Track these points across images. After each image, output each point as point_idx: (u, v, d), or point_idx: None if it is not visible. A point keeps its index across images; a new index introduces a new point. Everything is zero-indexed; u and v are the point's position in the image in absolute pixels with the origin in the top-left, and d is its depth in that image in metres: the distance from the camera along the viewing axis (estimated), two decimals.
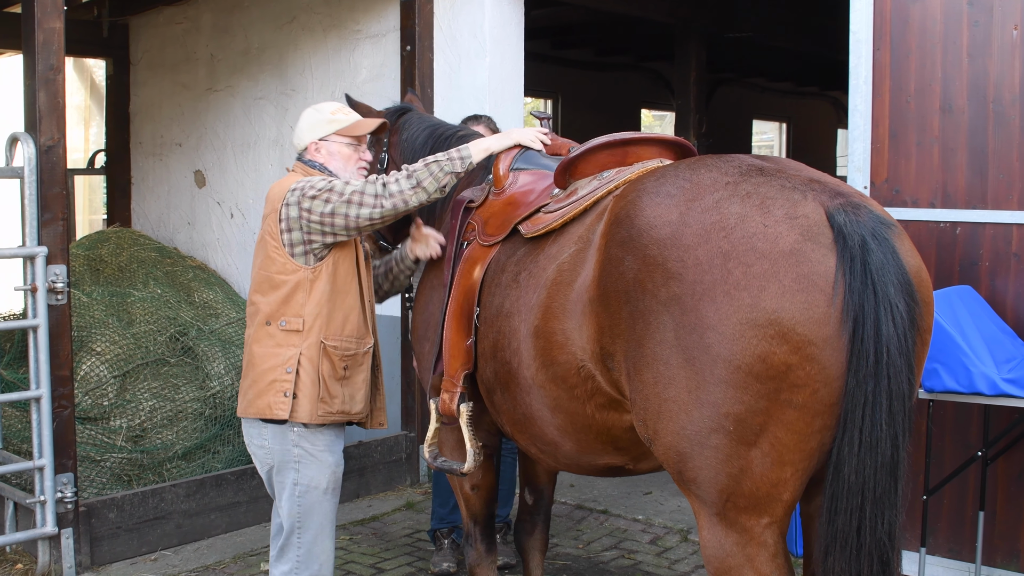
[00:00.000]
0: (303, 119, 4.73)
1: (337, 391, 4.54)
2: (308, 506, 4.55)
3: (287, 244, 4.46)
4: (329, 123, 4.66)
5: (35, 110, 5.84)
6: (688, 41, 11.43)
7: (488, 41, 7.59)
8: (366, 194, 4.39)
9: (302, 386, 4.46)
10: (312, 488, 4.54)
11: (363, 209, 4.39)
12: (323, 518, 4.59)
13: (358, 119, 4.74)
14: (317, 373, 4.47)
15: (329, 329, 4.49)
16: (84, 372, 7.18)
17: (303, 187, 4.43)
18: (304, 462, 4.52)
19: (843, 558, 3.18)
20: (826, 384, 3.12)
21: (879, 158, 5.73)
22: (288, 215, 4.43)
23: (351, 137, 4.70)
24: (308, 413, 4.47)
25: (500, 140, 4.69)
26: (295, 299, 4.47)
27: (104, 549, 6.19)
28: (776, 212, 3.20)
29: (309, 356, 4.47)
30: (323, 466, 4.56)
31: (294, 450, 4.51)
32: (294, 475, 4.53)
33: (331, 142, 4.66)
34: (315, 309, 4.46)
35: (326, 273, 4.49)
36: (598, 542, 6.62)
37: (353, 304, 4.59)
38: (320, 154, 4.67)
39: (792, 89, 18.42)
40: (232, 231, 9.60)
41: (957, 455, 5.49)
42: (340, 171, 4.65)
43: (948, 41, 5.52)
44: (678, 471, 3.38)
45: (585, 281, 3.68)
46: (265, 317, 4.52)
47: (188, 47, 10.00)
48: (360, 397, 4.66)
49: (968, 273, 5.47)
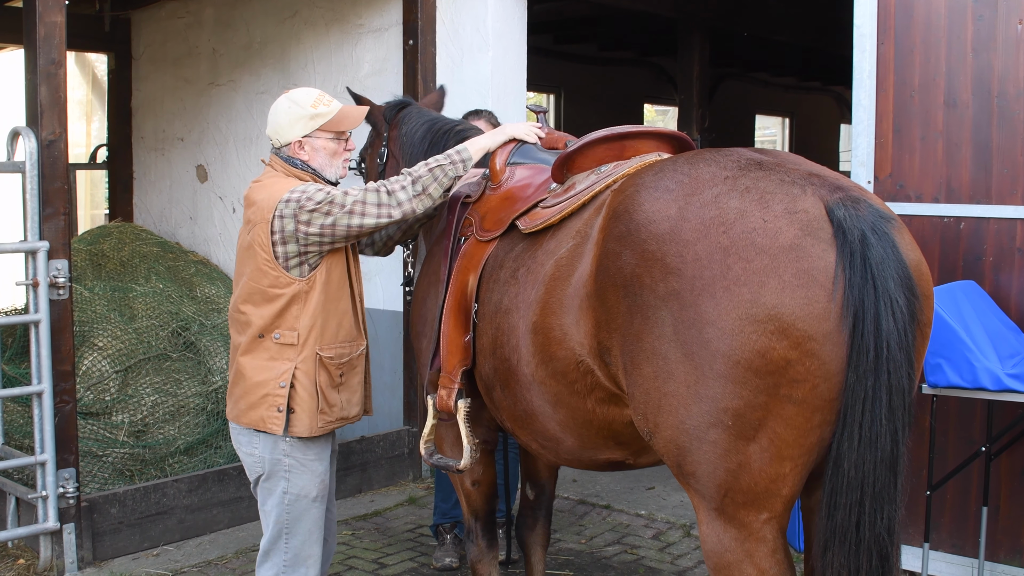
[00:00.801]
0: (280, 112, 4.46)
1: (335, 399, 4.45)
2: (297, 514, 4.46)
3: (280, 257, 4.29)
4: (312, 119, 4.41)
5: (36, 104, 5.83)
6: (691, 36, 11.40)
7: (491, 35, 7.58)
8: (368, 203, 4.26)
9: (299, 401, 4.34)
10: (302, 497, 4.45)
11: (366, 219, 4.27)
12: (311, 524, 4.50)
13: (339, 110, 4.48)
14: (315, 385, 4.36)
15: (324, 339, 4.37)
16: (86, 367, 7.18)
17: (299, 199, 4.23)
18: (295, 471, 4.42)
19: (842, 553, 3.17)
20: (826, 379, 3.11)
21: (883, 153, 5.72)
22: (283, 228, 4.25)
23: (335, 132, 4.49)
24: (307, 427, 4.37)
25: (495, 136, 4.64)
26: (290, 312, 4.33)
27: (106, 544, 6.19)
28: (775, 207, 3.18)
29: (305, 370, 4.34)
30: (313, 475, 4.46)
31: (285, 460, 4.40)
32: (284, 484, 4.43)
33: (315, 138, 4.44)
34: (310, 321, 4.33)
35: (320, 282, 4.35)
36: (600, 537, 6.62)
37: (346, 308, 4.47)
38: (303, 151, 4.44)
39: (795, 84, 18.39)
40: (234, 226, 9.59)
41: (960, 450, 5.48)
42: (325, 167, 4.48)
43: (952, 35, 5.50)
44: (677, 465, 3.37)
45: (582, 276, 3.66)
46: (258, 330, 4.36)
47: (190, 42, 9.99)
48: (356, 399, 4.58)
49: (972, 268, 5.45)
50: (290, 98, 4.48)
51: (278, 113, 4.48)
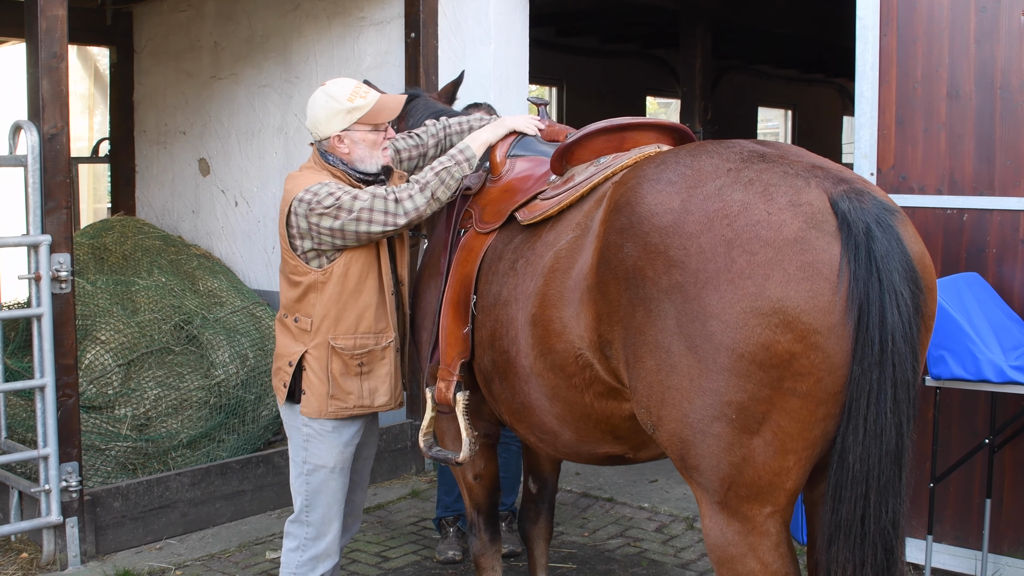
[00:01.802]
0: (318, 107, 4.49)
1: (353, 387, 4.51)
2: (316, 485, 4.56)
3: (299, 250, 4.43)
4: (349, 113, 4.42)
5: (38, 98, 5.83)
6: (694, 28, 11.39)
7: (493, 28, 7.56)
8: (375, 211, 4.30)
9: (310, 384, 4.47)
10: (319, 467, 4.55)
11: (373, 226, 4.32)
12: (331, 497, 4.60)
13: (377, 101, 4.49)
14: (326, 372, 4.46)
15: (338, 329, 4.45)
16: (88, 361, 7.18)
17: (310, 201, 4.31)
18: (312, 441, 4.53)
19: (847, 546, 3.16)
20: (830, 372, 3.10)
21: (886, 145, 5.71)
22: (298, 224, 4.37)
23: (373, 124, 4.50)
24: (316, 410, 4.48)
25: (495, 130, 4.65)
26: (308, 299, 4.46)
27: (109, 538, 6.19)
28: (779, 199, 3.17)
29: (316, 356, 4.46)
30: (331, 446, 4.55)
31: (304, 428, 4.53)
32: (303, 453, 4.56)
33: (353, 131, 4.46)
34: (323, 311, 4.43)
35: (336, 275, 4.42)
36: (603, 530, 6.62)
37: (369, 302, 4.51)
38: (343, 144, 4.48)
39: (797, 76, 18.36)
40: (236, 219, 9.59)
41: (964, 443, 5.47)
42: (365, 159, 4.51)
43: (955, 27, 5.48)
44: (681, 458, 3.37)
45: (583, 268, 3.66)
46: (284, 310, 4.55)
47: (192, 35, 9.98)
48: (385, 390, 4.63)
49: (975, 260, 5.44)
50: (327, 92, 4.49)
51: (315, 107, 4.51)
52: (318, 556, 4.61)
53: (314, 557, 4.61)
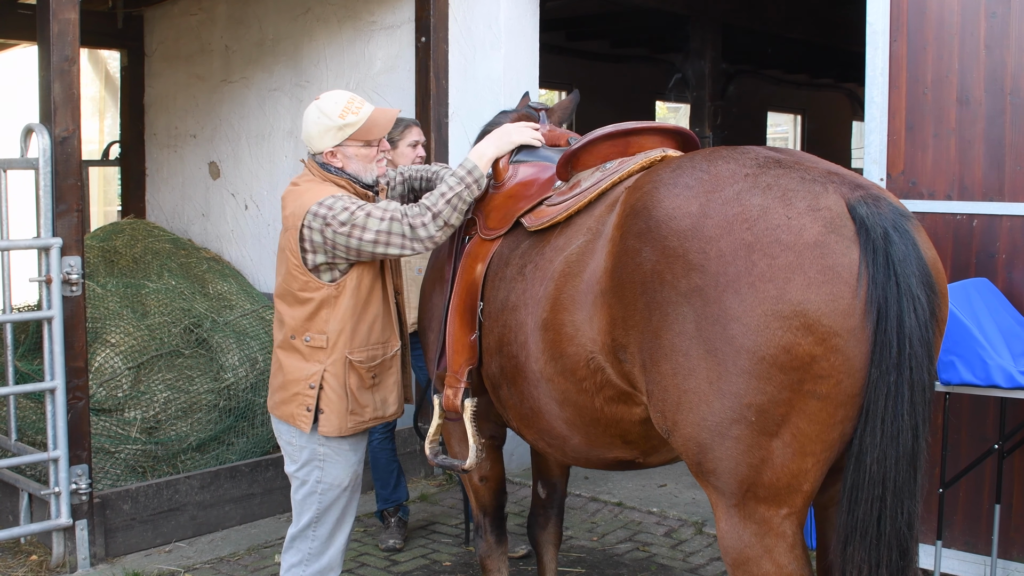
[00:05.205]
0: (311, 123, 4.45)
1: (368, 399, 4.50)
2: (329, 502, 4.54)
3: (310, 264, 4.35)
4: (340, 130, 4.39)
5: (50, 101, 5.85)
6: (704, 32, 11.39)
7: (503, 32, 7.58)
8: (393, 234, 4.25)
9: (328, 402, 4.40)
10: (334, 486, 4.53)
11: (391, 248, 4.28)
12: (340, 514, 4.59)
13: (368, 118, 4.44)
14: (344, 388, 4.41)
15: (354, 343, 4.40)
16: (99, 363, 7.19)
17: (324, 215, 4.25)
18: (329, 460, 4.49)
19: (863, 548, 3.18)
20: (849, 375, 3.12)
21: (895, 150, 5.71)
22: (311, 238, 4.29)
23: (365, 140, 4.47)
24: (337, 427, 4.42)
25: (499, 145, 4.57)
26: (319, 316, 4.38)
27: (118, 540, 6.21)
28: (798, 204, 3.19)
29: (334, 372, 4.40)
30: (347, 465, 4.53)
31: (320, 449, 4.48)
32: (318, 473, 4.50)
33: (346, 147, 4.43)
34: (339, 325, 4.37)
35: (350, 287, 4.37)
36: (612, 534, 6.62)
37: (377, 312, 4.49)
38: (336, 159, 4.45)
39: (807, 81, 18.33)
40: (246, 222, 9.61)
41: (973, 448, 5.47)
42: (360, 172, 4.47)
43: (965, 32, 5.48)
44: (697, 462, 3.37)
45: (596, 272, 3.66)
46: (290, 331, 4.44)
47: (203, 38, 10.00)
48: (393, 399, 4.62)
49: (985, 265, 5.44)
50: (319, 107, 4.45)
51: (308, 123, 4.48)
52: (322, 570, 4.58)
53: (319, 571, 4.58)
